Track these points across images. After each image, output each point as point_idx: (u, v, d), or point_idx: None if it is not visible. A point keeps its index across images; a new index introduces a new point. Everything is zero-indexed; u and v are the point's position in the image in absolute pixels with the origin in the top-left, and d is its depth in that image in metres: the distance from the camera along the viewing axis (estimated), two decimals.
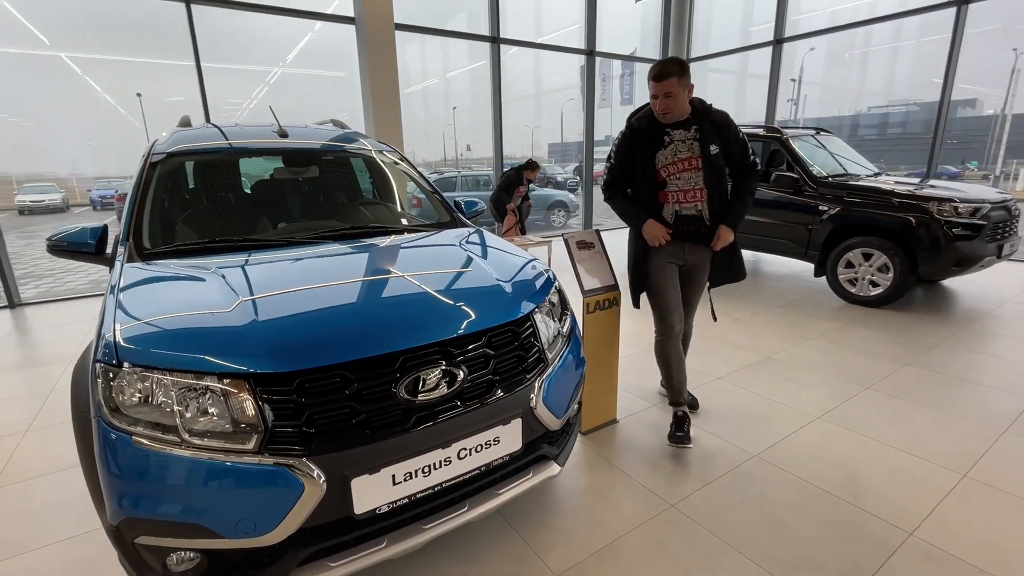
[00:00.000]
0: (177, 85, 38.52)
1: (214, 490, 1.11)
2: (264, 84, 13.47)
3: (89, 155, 28.69)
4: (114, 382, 1.18)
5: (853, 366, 3.10)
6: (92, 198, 22.27)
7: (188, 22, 5.29)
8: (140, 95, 32.13)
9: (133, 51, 14.69)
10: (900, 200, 4.07)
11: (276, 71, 13.53)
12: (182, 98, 47.59)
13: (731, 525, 1.79)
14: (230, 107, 17.39)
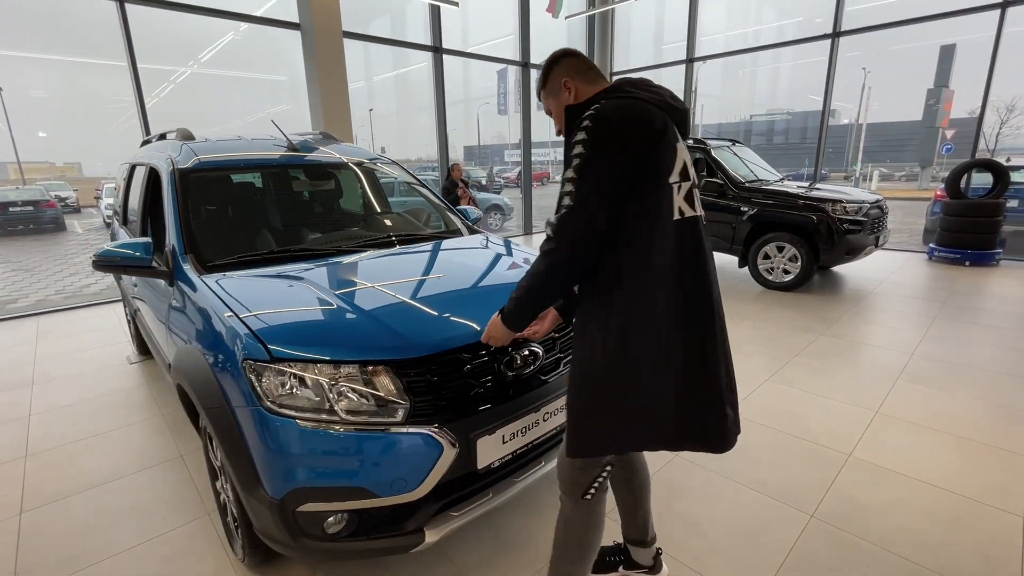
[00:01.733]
0: (40, 79, 33.27)
1: (374, 456, 1.34)
2: (169, 83, 12.50)
3: None
4: (268, 375, 1.36)
5: (782, 339, 3.78)
6: None
7: (122, 21, 4.98)
8: (0, 88, 27.98)
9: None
10: (804, 201, 4.92)
11: (185, 71, 12.61)
12: (44, 93, 41.38)
13: (724, 464, 2.26)
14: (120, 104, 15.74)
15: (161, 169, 2.36)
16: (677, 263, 1.16)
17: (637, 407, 1.18)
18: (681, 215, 1.16)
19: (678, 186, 1.15)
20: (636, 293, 1.14)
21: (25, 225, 14.31)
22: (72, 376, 3.41)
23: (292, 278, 1.81)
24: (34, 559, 1.80)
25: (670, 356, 1.17)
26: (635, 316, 1.15)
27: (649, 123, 1.12)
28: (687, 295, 1.17)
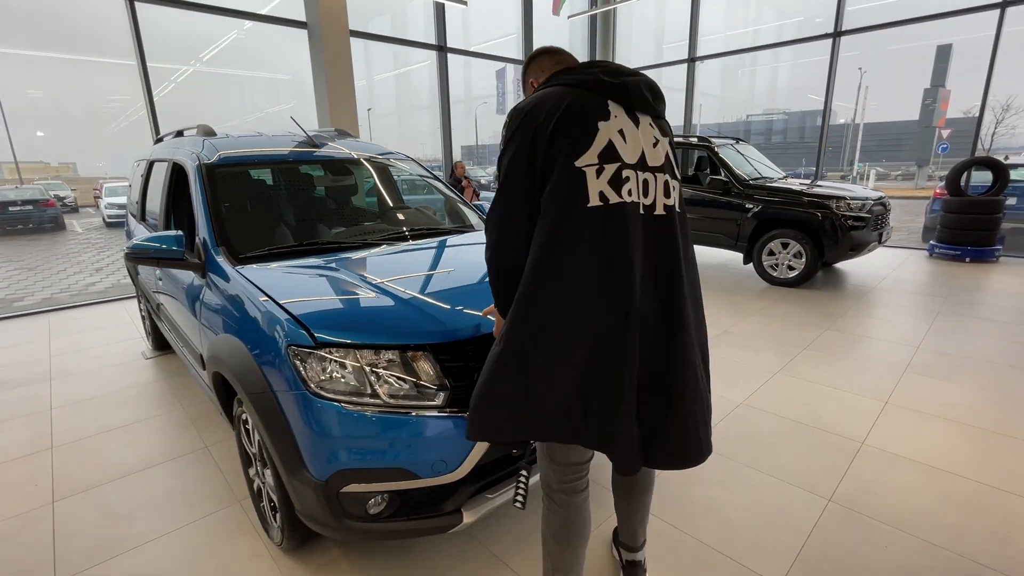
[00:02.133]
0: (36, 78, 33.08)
1: (415, 439, 1.38)
2: (170, 82, 12.51)
3: None
4: (311, 361, 1.40)
5: (788, 333, 3.84)
6: None
7: (131, 20, 5.00)
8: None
9: None
10: (808, 199, 4.98)
11: (187, 69, 12.61)
12: (40, 92, 41.25)
13: (741, 451, 2.31)
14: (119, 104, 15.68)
15: (187, 164, 2.39)
16: (600, 255, 1.05)
17: (524, 389, 1.11)
18: (604, 201, 1.06)
19: (597, 169, 1.06)
20: (545, 281, 1.07)
21: (25, 224, 14.28)
22: (88, 371, 3.44)
23: (325, 268, 1.85)
24: (72, 545, 1.84)
25: (577, 350, 1.08)
26: (539, 304, 1.08)
27: (554, 108, 1.07)
28: (609, 292, 1.06)
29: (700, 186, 5.72)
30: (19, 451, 2.48)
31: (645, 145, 1.13)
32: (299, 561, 1.72)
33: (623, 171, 1.09)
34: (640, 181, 1.11)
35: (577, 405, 1.11)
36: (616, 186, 1.08)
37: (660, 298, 1.13)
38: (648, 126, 1.16)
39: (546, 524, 1.33)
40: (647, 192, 1.12)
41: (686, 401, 1.14)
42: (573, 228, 1.06)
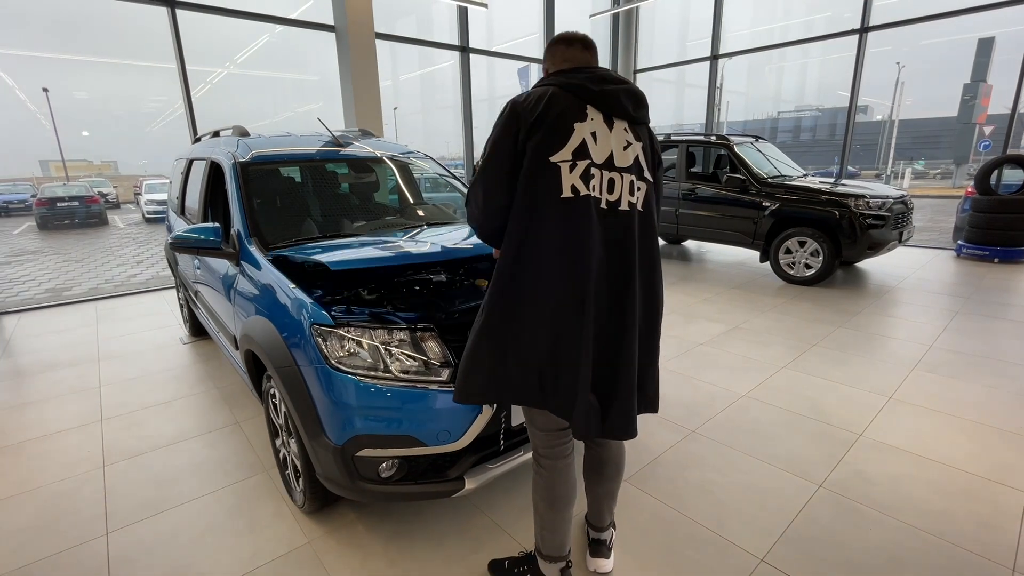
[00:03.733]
0: (82, 81, 34.52)
1: (422, 410, 1.54)
2: (206, 83, 13.04)
3: None
4: (331, 338, 1.57)
5: (801, 330, 3.87)
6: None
7: (172, 25, 5.32)
8: (47, 90, 29.38)
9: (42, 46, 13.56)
10: (826, 197, 4.97)
11: (222, 72, 13.14)
12: (86, 94, 43.42)
13: (739, 440, 2.40)
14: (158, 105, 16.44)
15: (223, 162, 2.60)
16: (564, 240, 1.21)
17: (500, 356, 1.28)
18: (575, 193, 1.21)
19: (570, 165, 1.21)
20: (521, 262, 1.24)
21: (72, 220, 15.11)
22: (132, 354, 3.72)
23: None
24: (121, 503, 2.06)
25: (542, 325, 1.24)
26: (514, 283, 1.25)
27: (538, 105, 1.21)
28: (568, 274, 1.21)
29: (718, 184, 5.75)
30: (73, 422, 2.74)
31: (615, 147, 1.27)
32: (318, 522, 1.90)
33: (591, 168, 1.23)
34: (605, 179, 1.25)
35: (546, 372, 1.27)
36: (585, 181, 1.22)
37: (612, 283, 1.26)
38: (623, 130, 1.29)
39: (535, 487, 1.46)
40: (612, 189, 1.26)
41: (627, 378, 1.28)
42: (546, 216, 1.22)
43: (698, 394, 2.87)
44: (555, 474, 1.41)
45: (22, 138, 23.09)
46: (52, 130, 26.83)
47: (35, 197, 15.55)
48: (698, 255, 6.89)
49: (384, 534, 1.84)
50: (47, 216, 14.79)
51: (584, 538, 1.76)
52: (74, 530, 1.91)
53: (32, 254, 10.49)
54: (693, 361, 3.32)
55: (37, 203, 14.88)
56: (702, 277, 5.63)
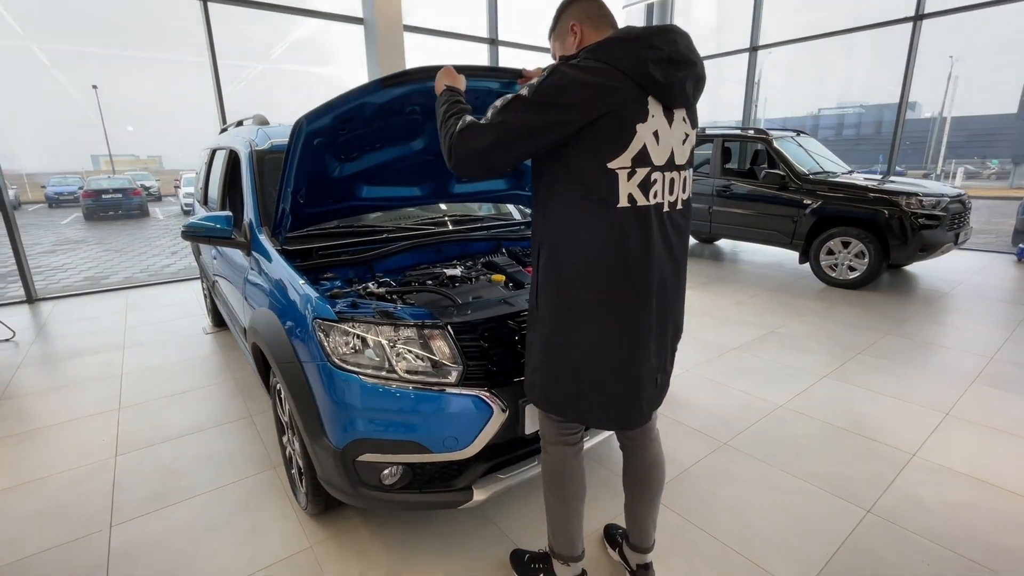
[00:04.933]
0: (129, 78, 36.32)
1: (428, 414, 1.42)
2: (242, 79, 13.31)
3: (38, 149, 27.27)
4: (334, 334, 1.47)
5: (843, 336, 3.61)
6: (48, 195, 21.23)
7: (205, 19, 5.37)
8: (96, 87, 30.76)
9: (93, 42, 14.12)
10: (875, 195, 4.64)
11: (258, 67, 13.38)
12: (133, 91, 45.46)
13: (776, 454, 2.20)
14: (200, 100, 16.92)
15: (240, 151, 2.55)
16: (618, 257, 1.11)
17: (579, 389, 1.23)
18: (631, 203, 1.10)
19: (628, 172, 1.08)
20: (582, 281, 1.15)
21: (115, 211, 15.71)
22: (156, 343, 3.75)
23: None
24: (128, 496, 2.02)
25: (614, 350, 1.18)
26: (579, 305, 1.16)
27: (600, 100, 1.03)
28: (631, 295, 1.15)
29: (755, 180, 5.46)
30: (93, 409, 2.75)
31: (675, 143, 1.15)
32: (322, 525, 1.82)
33: (652, 174, 1.12)
34: (667, 181, 1.16)
35: (626, 394, 1.22)
36: (644, 189, 1.11)
37: (668, 291, 1.23)
38: (681, 121, 1.17)
39: (545, 478, 1.40)
40: (672, 190, 1.18)
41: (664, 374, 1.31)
42: (602, 228, 1.11)
43: (730, 403, 2.68)
44: (565, 460, 1.36)
45: (76, 135, 24.37)
46: (101, 126, 28.06)
47: (82, 189, 16.23)
48: (731, 255, 6.59)
49: (388, 541, 1.74)
50: (92, 207, 15.42)
51: (607, 562, 1.63)
52: (79, 522, 1.88)
53: (76, 243, 10.92)
54: (725, 367, 3.11)
55: (83, 195, 15.54)
56: (735, 278, 5.36)
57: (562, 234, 1.15)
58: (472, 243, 2.34)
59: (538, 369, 1.27)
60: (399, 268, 2.11)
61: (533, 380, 1.29)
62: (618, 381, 1.20)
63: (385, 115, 1.58)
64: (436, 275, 1.95)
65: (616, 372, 1.19)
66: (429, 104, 1.57)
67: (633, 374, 1.20)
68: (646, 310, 1.17)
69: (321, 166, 1.76)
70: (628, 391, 1.21)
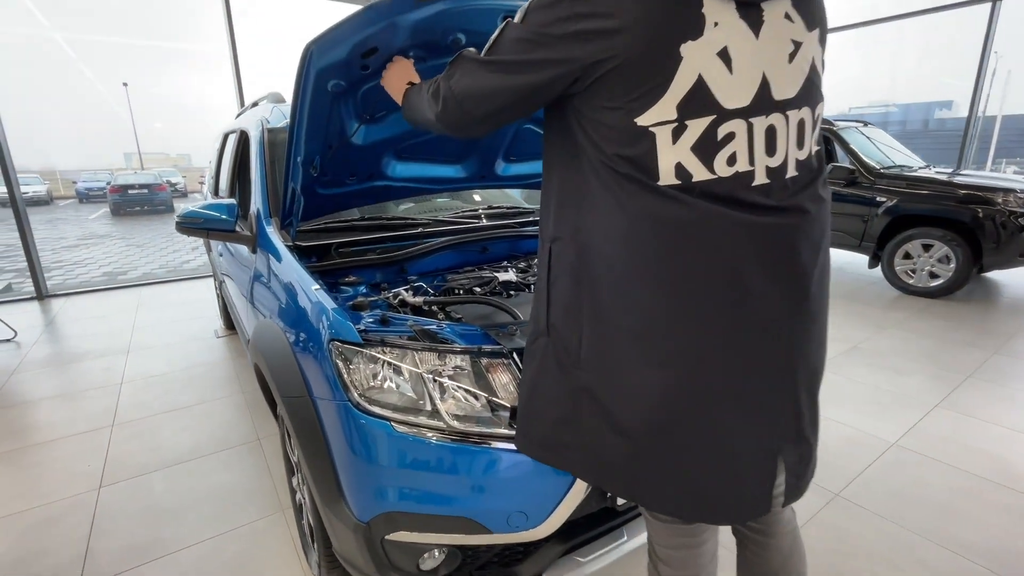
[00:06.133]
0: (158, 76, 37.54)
1: (487, 479, 1.01)
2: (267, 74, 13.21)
3: (73, 146, 27.95)
4: (357, 363, 1.07)
5: (941, 355, 3.08)
6: (78, 190, 21.59)
7: (225, 6, 5.07)
8: (127, 84, 31.35)
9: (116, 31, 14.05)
10: (965, 191, 4.08)
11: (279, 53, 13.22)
12: (163, 88, 47.07)
13: (905, 512, 1.73)
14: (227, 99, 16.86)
15: (251, 132, 2.19)
16: (683, 257, 0.73)
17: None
18: (683, 178, 0.70)
19: (673, 128, 0.68)
20: (618, 296, 0.77)
21: (141, 206, 15.75)
22: (164, 346, 3.43)
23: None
24: (105, 543, 1.66)
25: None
26: (616, 330, 0.80)
27: (617, 14, 0.65)
28: (700, 319, 0.75)
29: None
30: (84, 424, 2.42)
31: (771, 62, 0.70)
32: None
33: (720, 126, 0.69)
34: (758, 133, 0.71)
35: (723, 476, 0.82)
36: (706, 152, 0.70)
37: (783, 313, 0.78)
38: (782, 20, 0.70)
39: None
40: (773, 147, 0.72)
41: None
42: (644, 220, 0.72)
43: (830, 437, 2.20)
44: (688, 571, 0.92)
45: (108, 133, 24.84)
46: (130, 123, 28.55)
47: (110, 184, 16.34)
48: None
49: None
50: (119, 202, 15.48)
51: None
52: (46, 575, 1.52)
53: (100, 238, 10.86)
54: None
55: (111, 190, 15.62)
56: None
57: (591, 227, 0.78)
58: (522, 240, 1.92)
59: (569, 423, 0.87)
60: (436, 270, 1.71)
61: (561, 438, 0.89)
62: (705, 457, 0.80)
63: (420, 47, 1.16)
64: (485, 280, 1.54)
65: (698, 443, 0.80)
66: (478, 31, 1.16)
67: (726, 446, 0.80)
68: (736, 349, 0.76)
69: (338, 126, 1.35)
70: (724, 472, 0.81)
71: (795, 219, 0.76)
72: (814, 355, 0.86)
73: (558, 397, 0.89)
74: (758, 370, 0.79)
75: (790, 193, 0.75)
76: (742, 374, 0.78)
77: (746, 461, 0.82)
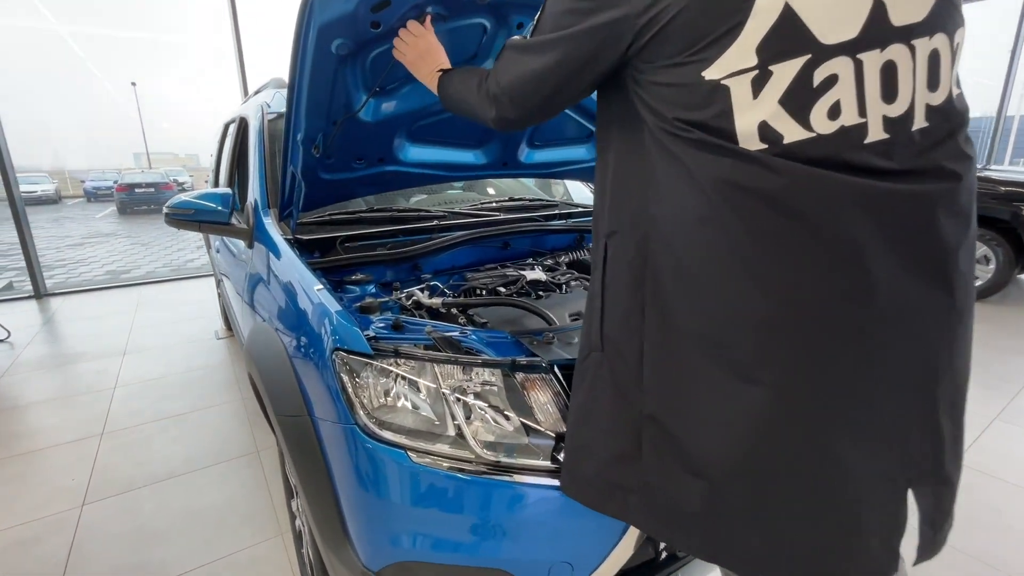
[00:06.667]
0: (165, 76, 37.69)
1: (526, 522, 0.83)
2: None
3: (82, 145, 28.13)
4: (367, 377, 0.88)
5: (991, 363, 2.87)
6: (86, 189, 21.62)
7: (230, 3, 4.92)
8: (135, 84, 31.47)
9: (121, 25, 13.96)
10: (1005, 188, 3.85)
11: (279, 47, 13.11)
12: (170, 88, 47.60)
13: (989, 546, 1.53)
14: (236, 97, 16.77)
15: (250, 117, 2.02)
16: (776, 244, 0.57)
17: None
18: (769, 140, 0.56)
19: (754, 76, 0.55)
20: (691, 297, 0.63)
21: (147, 205, 15.68)
22: (161, 347, 3.27)
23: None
24: (85, 569, 1.49)
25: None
26: (688, 339, 0.64)
27: None
28: (802, 326, 0.59)
29: None
30: (72, 434, 2.26)
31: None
32: None
33: (817, 68, 0.55)
34: (875, 72, 0.55)
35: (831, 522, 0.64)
36: (799, 104, 0.55)
37: (914, 316, 0.61)
38: None
39: None
40: (893, 92, 0.56)
41: None
42: (718, 202, 0.58)
43: None
44: None
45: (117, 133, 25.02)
46: (139, 123, 28.65)
47: (116, 183, 16.30)
48: None
49: None
50: (126, 201, 15.43)
51: None
52: None
53: (105, 236, 10.78)
54: None
55: (117, 188, 15.58)
56: None
57: (655, 213, 0.64)
58: (546, 235, 1.74)
59: (628, 460, 0.71)
60: (453, 268, 1.53)
61: (619, 480, 0.73)
62: (808, 503, 0.63)
63: (439, 2, 0.98)
64: (511, 279, 1.35)
65: (800, 484, 0.62)
66: None
67: (838, 487, 0.62)
68: (853, 357, 0.59)
69: (344, 98, 1.17)
70: (834, 521, 0.63)
71: (931, 185, 0.59)
72: (960, 365, 0.67)
73: (615, 427, 0.72)
74: (884, 384, 0.62)
75: (918, 151, 0.58)
76: (862, 390, 0.61)
77: (865, 507, 0.64)
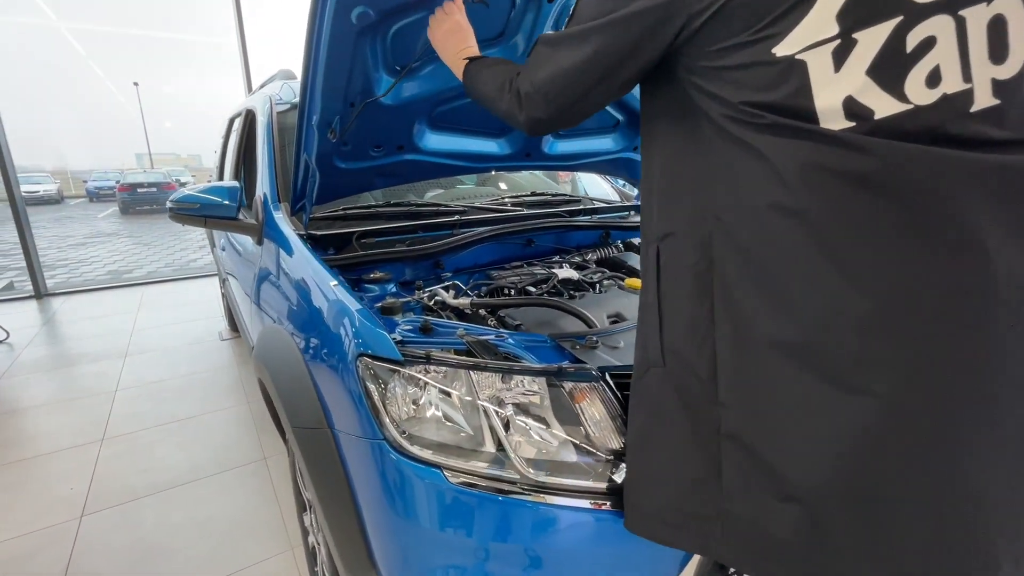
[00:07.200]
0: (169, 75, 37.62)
1: (579, 550, 0.73)
2: None
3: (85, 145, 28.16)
4: (395, 386, 0.79)
5: None
6: (88, 189, 21.57)
7: None
8: (137, 84, 31.47)
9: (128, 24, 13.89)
10: None
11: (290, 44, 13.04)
12: (173, 88, 47.39)
13: None
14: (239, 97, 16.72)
15: (258, 109, 1.93)
16: (879, 234, 0.50)
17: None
18: (859, 118, 0.49)
19: (836, 47, 0.48)
20: (770, 300, 0.54)
21: (150, 205, 15.62)
22: (164, 349, 3.18)
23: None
24: None
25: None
26: (769, 347, 0.55)
27: None
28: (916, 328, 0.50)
29: None
30: (70, 440, 2.16)
31: None
32: None
33: (911, 31, 0.47)
34: (980, 30, 0.47)
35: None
36: (892, 73, 0.48)
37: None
38: None
39: None
40: (1003, 51, 0.47)
41: None
42: (799, 186, 0.51)
43: None
44: None
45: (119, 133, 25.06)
46: (141, 123, 28.64)
47: (118, 183, 16.25)
48: None
49: None
50: (128, 201, 15.38)
51: None
52: None
53: (108, 236, 10.71)
54: None
55: (120, 188, 15.53)
56: None
57: (721, 209, 0.57)
58: (571, 231, 1.64)
59: (705, 485, 0.63)
60: (475, 266, 1.44)
61: (694, 508, 0.64)
62: (927, 529, 0.54)
63: None
64: (541, 278, 1.26)
65: (917, 508, 0.54)
66: None
67: (962, 509, 0.53)
68: (974, 356, 0.51)
69: (363, 77, 1.07)
70: (958, 551, 0.54)
71: None
72: None
73: (686, 450, 0.63)
74: (1012, 387, 0.52)
75: None
76: (988, 394, 0.52)
77: (994, 533, 0.55)
